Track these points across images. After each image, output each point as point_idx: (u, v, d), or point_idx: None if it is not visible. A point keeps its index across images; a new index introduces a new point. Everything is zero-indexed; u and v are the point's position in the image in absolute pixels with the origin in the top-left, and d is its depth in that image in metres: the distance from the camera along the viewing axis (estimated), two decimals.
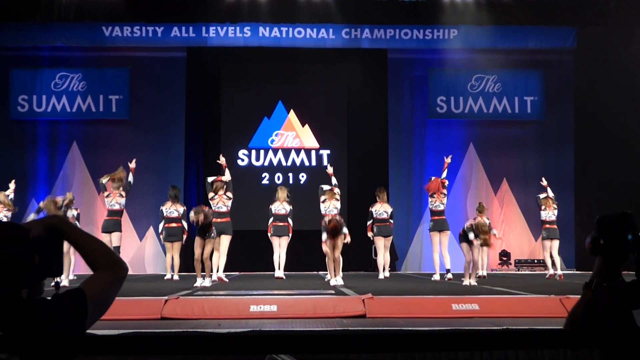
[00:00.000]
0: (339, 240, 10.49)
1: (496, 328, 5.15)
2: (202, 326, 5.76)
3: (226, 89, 16.92)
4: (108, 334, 1.98)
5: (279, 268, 12.26)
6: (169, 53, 16.65)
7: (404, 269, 16.44)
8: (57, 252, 1.87)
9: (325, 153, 16.96)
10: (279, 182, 16.17)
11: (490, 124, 17.11)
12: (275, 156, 16.94)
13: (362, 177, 16.33)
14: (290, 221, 12.16)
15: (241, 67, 17.05)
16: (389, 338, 2.05)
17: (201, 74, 16.96)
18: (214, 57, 16.86)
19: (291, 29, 16.29)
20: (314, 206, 11.51)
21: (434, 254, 12.16)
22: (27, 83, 16.39)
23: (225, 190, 11.60)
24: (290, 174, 16.83)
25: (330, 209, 11.74)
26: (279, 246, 12.30)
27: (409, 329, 5.38)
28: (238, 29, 16.25)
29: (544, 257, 13.38)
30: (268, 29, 16.26)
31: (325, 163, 16.65)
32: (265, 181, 16.73)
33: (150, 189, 15.71)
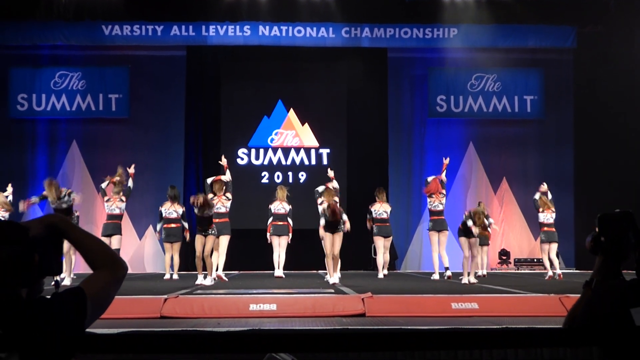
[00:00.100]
0: (337, 237, 10.48)
1: (496, 327, 5.15)
2: (202, 325, 5.76)
3: (226, 88, 16.91)
4: (107, 332, 1.98)
5: (279, 267, 12.26)
6: (169, 52, 16.65)
7: (403, 268, 16.44)
8: (56, 251, 1.86)
9: (325, 152, 16.96)
10: (278, 181, 16.17)
11: (490, 123, 17.12)
12: (275, 155, 16.94)
13: (362, 176, 16.33)
14: (290, 221, 12.15)
15: (241, 66, 17.04)
16: (388, 337, 2.04)
17: (201, 73, 16.96)
18: (213, 55, 16.86)
19: (291, 28, 16.28)
20: (313, 205, 11.49)
21: (433, 253, 12.17)
22: (26, 82, 16.39)
23: (224, 191, 11.62)
24: (290, 173, 16.83)
25: None
26: (278, 246, 12.29)
27: (409, 327, 5.38)
28: (238, 27, 16.24)
29: (542, 259, 13.37)
30: (268, 27, 16.25)
31: (325, 162, 16.67)
32: (265, 180, 16.73)
33: (150, 188, 15.71)
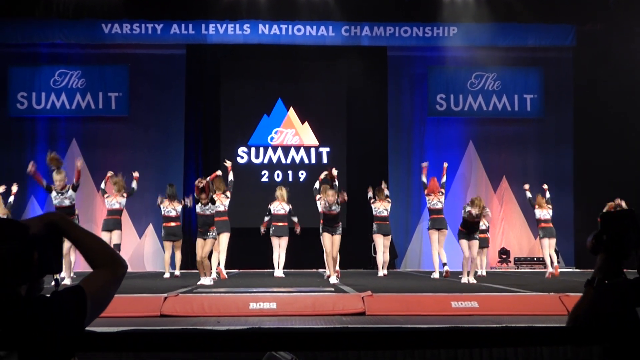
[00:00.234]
0: (336, 238, 10.48)
1: (495, 326, 5.16)
2: (202, 324, 5.76)
3: (226, 87, 16.91)
4: (107, 331, 1.98)
5: (278, 267, 12.28)
6: (169, 50, 16.64)
7: (403, 267, 16.44)
8: (56, 249, 1.86)
9: (325, 151, 16.96)
10: (278, 180, 16.18)
11: (489, 122, 17.11)
12: (275, 154, 16.93)
13: (362, 174, 16.31)
14: (294, 219, 12.13)
15: (241, 65, 17.03)
16: (388, 335, 2.04)
17: (201, 72, 16.95)
18: (213, 54, 16.86)
19: (291, 27, 16.27)
20: (313, 204, 11.49)
21: (432, 252, 12.17)
22: (26, 80, 16.38)
23: (224, 190, 11.68)
24: (290, 172, 16.83)
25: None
26: (278, 246, 12.31)
27: (409, 326, 5.39)
28: (237, 26, 16.23)
29: (543, 255, 13.36)
30: (267, 26, 16.24)
31: (325, 161, 16.67)
32: (265, 179, 16.74)
33: (149, 186, 15.68)
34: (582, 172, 16.58)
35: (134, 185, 11.87)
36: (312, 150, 16.94)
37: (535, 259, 16.13)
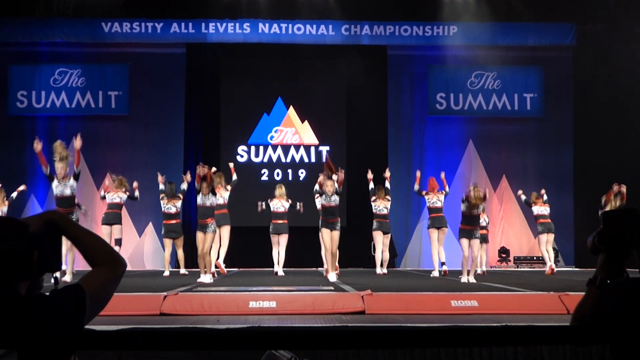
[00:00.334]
0: (335, 234, 10.47)
1: (495, 325, 5.15)
2: (201, 322, 5.76)
3: (226, 85, 16.91)
4: (107, 329, 1.98)
5: (278, 264, 12.29)
6: (169, 49, 16.64)
7: (403, 266, 16.44)
8: (55, 248, 1.86)
9: (325, 149, 16.95)
10: (278, 179, 16.18)
11: (489, 121, 17.11)
12: (275, 152, 16.93)
13: (361, 173, 16.29)
14: (297, 205, 12.09)
15: (241, 64, 17.03)
16: (388, 334, 2.04)
17: (201, 70, 16.95)
18: (213, 53, 16.85)
19: (291, 25, 16.28)
20: (313, 203, 11.49)
21: (432, 250, 12.18)
22: (26, 79, 16.38)
23: (225, 184, 11.73)
24: (290, 171, 16.84)
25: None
26: (277, 244, 12.32)
27: (408, 325, 5.38)
28: (237, 25, 16.23)
29: (541, 252, 13.37)
30: (267, 25, 16.24)
31: (325, 160, 16.65)
32: (265, 177, 16.74)
33: (149, 185, 15.67)
34: (582, 171, 16.58)
35: (136, 194, 12.22)
36: (312, 149, 16.94)
37: (535, 258, 16.14)
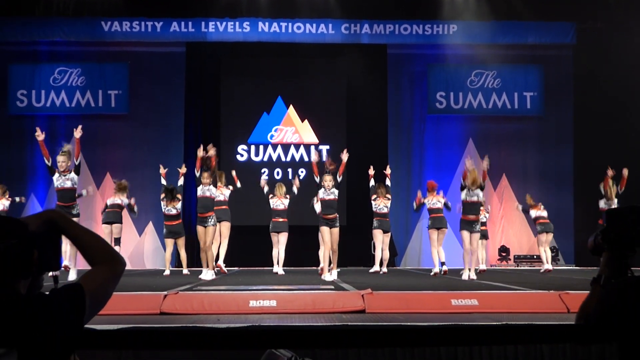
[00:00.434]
0: (335, 232, 10.44)
1: (495, 323, 5.16)
2: (202, 321, 5.76)
3: (225, 84, 16.91)
4: (107, 328, 1.97)
5: (278, 264, 12.29)
6: (168, 48, 16.65)
7: (403, 265, 16.45)
8: (55, 247, 1.86)
9: (325, 148, 16.96)
10: (278, 178, 16.18)
11: (489, 120, 17.11)
12: (275, 151, 16.94)
13: (361, 172, 16.29)
14: (293, 189, 12.20)
15: (240, 62, 17.03)
16: (388, 333, 2.04)
17: (200, 69, 16.95)
18: (213, 52, 16.85)
19: (290, 24, 16.27)
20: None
21: (432, 249, 12.16)
22: (26, 78, 16.38)
23: (225, 183, 11.77)
24: (290, 170, 16.83)
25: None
26: (277, 243, 12.33)
27: (409, 324, 5.38)
28: (237, 24, 16.23)
29: (539, 252, 13.39)
30: (267, 24, 16.24)
31: (325, 159, 16.65)
32: (265, 176, 16.72)
33: (149, 184, 15.69)
34: (582, 170, 16.57)
35: (135, 209, 12.48)
36: (312, 148, 16.91)
37: (535, 256, 16.13)
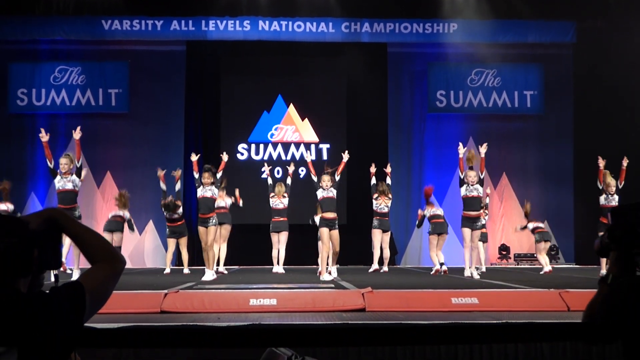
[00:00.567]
0: (335, 233, 10.44)
1: (495, 322, 5.16)
2: (202, 320, 5.76)
3: (226, 83, 16.90)
4: (108, 327, 1.98)
5: (278, 263, 12.29)
6: (169, 47, 16.64)
7: (403, 263, 16.46)
8: (55, 245, 1.86)
9: (325, 147, 16.97)
10: (278, 176, 16.17)
11: (489, 118, 17.11)
12: (275, 150, 16.93)
13: (362, 171, 16.30)
14: (288, 182, 12.50)
15: (241, 61, 17.03)
16: (388, 332, 2.04)
17: (201, 68, 16.95)
18: (213, 50, 16.85)
19: (291, 23, 16.27)
20: (312, 200, 11.49)
21: (430, 252, 12.14)
22: (26, 77, 16.37)
23: (226, 192, 11.97)
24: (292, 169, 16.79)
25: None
26: (277, 242, 12.33)
27: (409, 322, 5.38)
28: (237, 22, 16.23)
29: (538, 258, 13.44)
30: (267, 22, 16.23)
31: (325, 157, 16.67)
32: (265, 175, 16.70)
33: (149, 183, 15.68)
34: (582, 168, 16.56)
35: (134, 228, 12.64)
36: (312, 147, 16.93)
37: (535, 255, 16.12)
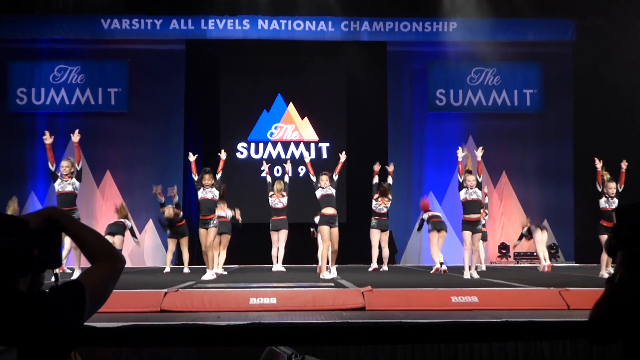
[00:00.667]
0: (334, 231, 10.45)
1: (495, 320, 5.16)
2: (202, 319, 5.76)
3: (225, 82, 16.90)
4: (108, 326, 1.98)
5: (277, 262, 12.31)
6: (168, 46, 16.62)
7: (403, 262, 16.45)
8: (55, 244, 1.86)
9: (325, 146, 16.96)
10: (278, 175, 16.16)
11: (489, 117, 17.10)
12: (275, 149, 16.93)
13: (361, 170, 16.30)
14: (285, 179, 12.56)
15: (240, 60, 17.03)
16: (388, 330, 2.04)
17: (200, 67, 16.94)
18: (212, 49, 16.84)
19: (290, 22, 16.26)
20: (312, 199, 11.49)
21: (432, 251, 12.16)
22: (25, 76, 16.36)
23: (227, 204, 12.14)
24: (290, 167, 16.79)
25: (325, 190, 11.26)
26: (277, 240, 12.35)
27: (409, 321, 5.38)
28: (237, 21, 16.22)
29: (536, 250, 13.46)
30: (267, 21, 16.22)
31: (325, 156, 16.68)
32: (264, 174, 16.70)
33: (149, 182, 15.65)
34: (582, 167, 16.54)
35: (137, 237, 12.93)
36: (312, 146, 16.93)
37: (535, 254, 16.12)
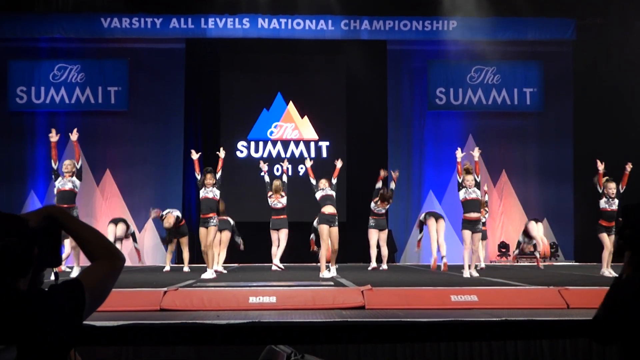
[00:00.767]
0: (334, 231, 10.44)
1: (495, 319, 5.16)
2: (201, 317, 5.76)
3: (225, 81, 16.89)
4: (107, 325, 1.98)
5: (276, 258, 12.34)
6: (168, 44, 16.61)
7: (402, 261, 16.45)
8: (55, 243, 1.86)
9: (325, 145, 16.96)
10: (277, 174, 16.17)
11: (489, 116, 17.09)
12: (275, 148, 16.93)
13: (361, 169, 16.32)
14: (284, 179, 12.53)
15: (240, 59, 17.02)
16: (387, 329, 2.04)
17: (200, 66, 16.93)
18: (212, 48, 16.83)
19: (290, 21, 16.25)
20: (312, 198, 11.49)
21: (431, 241, 12.16)
22: (25, 74, 16.35)
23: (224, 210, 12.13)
24: (290, 166, 16.80)
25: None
26: (277, 239, 12.36)
27: (408, 320, 5.38)
28: (237, 20, 16.21)
29: (536, 239, 13.51)
30: (267, 20, 16.21)
31: (325, 155, 16.68)
32: (263, 173, 16.71)
33: (149, 181, 15.72)
34: (582, 165, 16.55)
35: (137, 240, 13.22)
36: (312, 145, 16.93)
37: (535, 252, 16.12)
